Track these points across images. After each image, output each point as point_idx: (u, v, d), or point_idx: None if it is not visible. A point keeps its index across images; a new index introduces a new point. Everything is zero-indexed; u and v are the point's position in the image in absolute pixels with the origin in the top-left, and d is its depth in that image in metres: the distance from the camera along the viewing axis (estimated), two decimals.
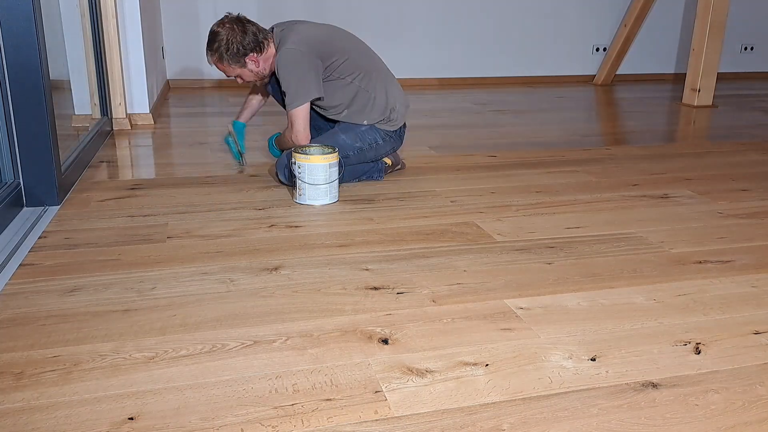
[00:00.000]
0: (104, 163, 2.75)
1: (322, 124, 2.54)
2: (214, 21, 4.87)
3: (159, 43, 4.50)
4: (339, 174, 2.24)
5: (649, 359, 1.28)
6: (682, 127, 3.82)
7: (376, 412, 1.11)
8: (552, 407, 1.13)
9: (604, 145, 3.24)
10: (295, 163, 2.18)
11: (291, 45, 2.25)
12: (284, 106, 2.36)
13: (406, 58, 5.23)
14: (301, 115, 2.29)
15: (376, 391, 1.16)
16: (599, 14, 5.57)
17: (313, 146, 2.24)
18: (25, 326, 1.37)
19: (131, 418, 1.08)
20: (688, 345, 1.34)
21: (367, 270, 1.69)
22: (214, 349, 1.30)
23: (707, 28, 4.25)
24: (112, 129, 3.43)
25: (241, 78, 2.38)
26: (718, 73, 4.42)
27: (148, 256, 1.76)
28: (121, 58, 3.40)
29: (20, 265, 1.69)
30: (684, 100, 4.55)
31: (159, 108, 4.04)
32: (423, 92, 4.98)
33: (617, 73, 5.70)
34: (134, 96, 3.57)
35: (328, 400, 1.14)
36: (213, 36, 2.28)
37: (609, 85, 5.55)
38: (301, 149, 2.21)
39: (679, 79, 5.78)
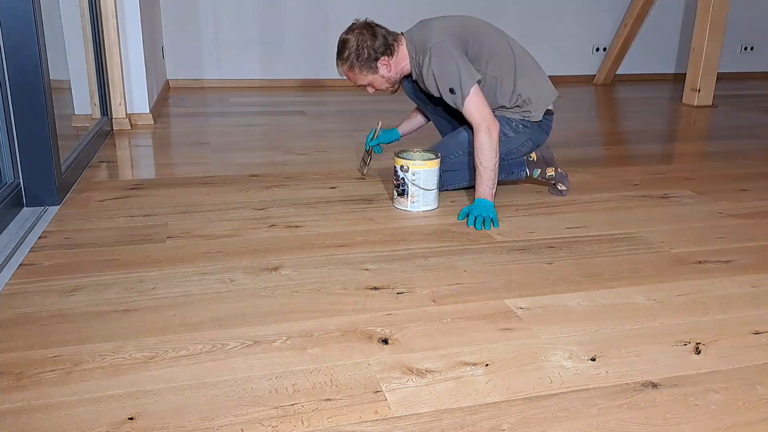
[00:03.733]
0: (104, 163, 2.75)
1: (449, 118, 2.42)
2: (214, 21, 4.88)
3: (159, 43, 4.50)
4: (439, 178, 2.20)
5: (649, 359, 1.28)
6: (682, 127, 3.82)
7: (376, 412, 1.11)
8: (552, 407, 1.13)
9: (604, 145, 3.24)
10: (407, 170, 2.10)
11: (439, 38, 2.12)
12: (431, 106, 2.33)
13: None
14: (479, 103, 2.09)
15: (376, 391, 1.16)
16: (599, 14, 5.57)
17: (414, 151, 2.18)
18: (25, 326, 1.37)
19: (131, 418, 1.08)
20: (688, 345, 1.34)
21: (367, 270, 1.69)
22: (214, 349, 1.30)
23: (707, 28, 4.25)
24: (112, 129, 3.43)
25: (372, 86, 2.27)
26: (718, 73, 4.42)
27: (148, 256, 1.76)
28: (121, 58, 3.40)
29: (20, 265, 1.69)
30: (684, 100, 4.56)
31: (159, 108, 4.04)
32: None
33: (617, 73, 5.70)
34: (134, 96, 3.57)
35: (328, 400, 1.14)
36: (343, 44, 2.19)
37: (609, 85, 5.55)
38: (403, 155, 2.13)
39: (679, 79, 5.78)
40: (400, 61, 2.22)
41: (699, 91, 4.41)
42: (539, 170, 2.36)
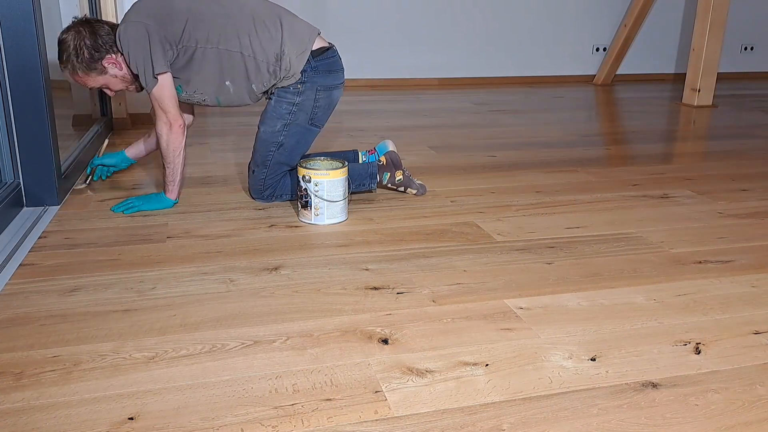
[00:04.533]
0: None
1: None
2: None
3: None
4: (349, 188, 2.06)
5: (649, 359, 1.28)
6: (682, 127, 3.82)
7: (376, 412, 1.11)
8: (552, 407, 1.13)
9: (604, 145, 3.24)
10: (309, 181, 1.97)
11: (131, 18, 1.93)
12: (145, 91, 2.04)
13: (406, 58, 5.23)
14: (166, 92, 1.95)
15: (376, 391, 1.16)
16: (599, 14, 5.56)
17: (318, 159, 2.07)
18: (25, 326, 1.37)
19: (131, 418, 1.08)
20: (688, 345, 1.34)
21: (367, 270, 1.69)
22: (214, 349, 1.30)
23: (707, 28, 4.25)
24: (113, 129, 3.43)
25: (109, 88, 2.05)
26: (718, 73, 4.42)
27: (148, 256, 1.76)
28: None
29: (20, 265, 1.69)
30: (684, 100, 4.55)
31: None
32: (423, 92, 4.98)
33: (617, 73, 5.69)
34: (134, 96, 3.57)
35: (328, 400, 1.14)
36: (60, 45, 1.95)
37: (609, 85, 5.55)
38: (307, 164, 2.00)
39: (679, 79, 5.77)
40: None
41: (699, 91, 4.41)
42: (388, 174, 2.25)
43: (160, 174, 2.57)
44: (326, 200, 1.99)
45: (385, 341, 1.34)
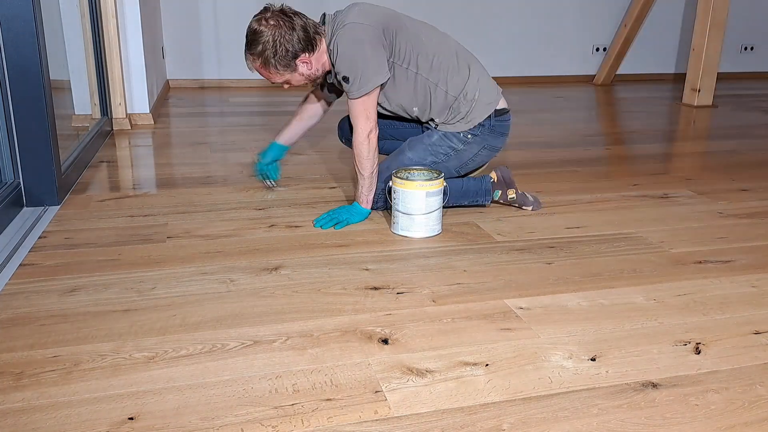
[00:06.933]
0: (104, 163, 2.75)
1: (396, 134, 2.23)
2: (214, 21, 4.87)
3: (159, 43, 4.50)
4: (443, 202, 1.94)
5: (649, 359, 1.28)
6: (682, 127, 3.82)
7: (376, 412, 1.11)
8: (552, 407, 1.13)
9: (604, 145, 3.24)
10: (392, 188, 1.93)
11: (355, 19, 1.87)
12: (335, 96, 2.14)
13: None
14: (370, 105, 1.90)
15: (376, 391, 1.16)
16: (599, 14, 5.57)
17: (416, 169, 1.96)
18: (25, 326, 1.37)
19: (131, 418, 1.08)
20: (688, 345, 1.34)
21: (367, 270, 1.69)
22: (214, 349, 1.30)
23: (707, 28, 4.25)
24: (112, 129, 3.43)
25: (289, 83, 1.98)
26: (718, 73, 4.42)
27: (148, 256, 1.76)
28: (121, 58, 3.40)
29: (20, 265, 1.69)
30: (684, 100, 4.55)
31: (159, 108, 4.04)
32: None
33: (617, 73, 5.70)
34: (134, 96, 3.57)
35: (328, 400, 1.14)
36: (255, 36, 1.86)
37: (609, 85, 5.55)
38: (400, 174, 1.92)
39: (679, 79, 5.77)
40: (322, 56, 1.95)
41: (699, 91, 4.41)
42: (500, 192, 2.15)
43: (157, 174, 2.57)
44: (401, 212, 1.91)
45: (385, 341, 1.34)
